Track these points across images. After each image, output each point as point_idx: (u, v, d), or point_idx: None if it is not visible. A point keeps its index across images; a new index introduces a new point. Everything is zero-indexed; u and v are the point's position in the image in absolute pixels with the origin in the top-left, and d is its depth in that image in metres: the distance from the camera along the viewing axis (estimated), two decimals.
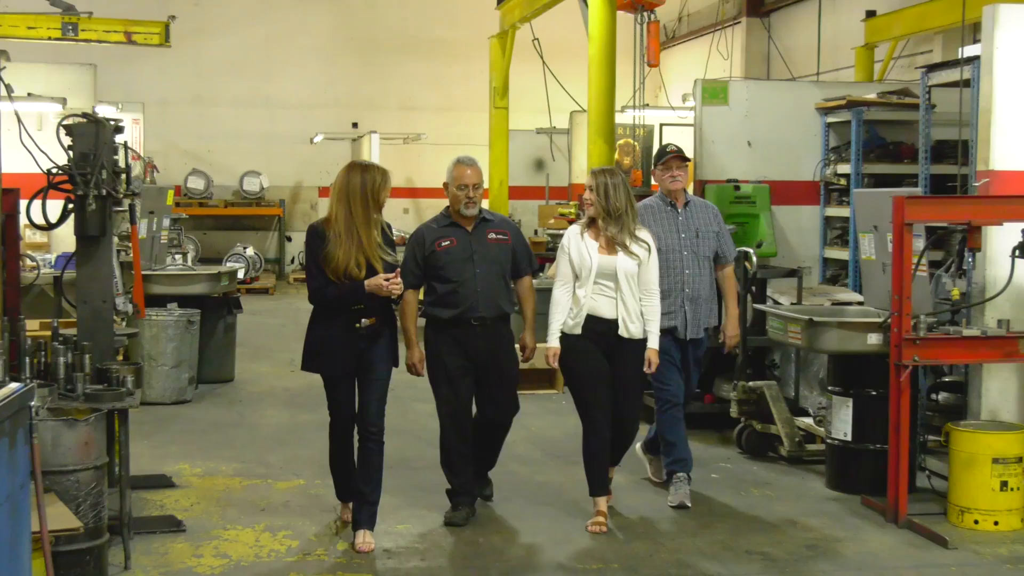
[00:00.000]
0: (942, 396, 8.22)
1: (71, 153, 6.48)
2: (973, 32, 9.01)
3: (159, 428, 9.67)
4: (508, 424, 7.30)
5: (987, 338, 7.32)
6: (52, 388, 6.06)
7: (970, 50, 8.40)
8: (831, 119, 11.83)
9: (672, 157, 7.66)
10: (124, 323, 7.86)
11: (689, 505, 7.35)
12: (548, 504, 7.21)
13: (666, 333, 7.31)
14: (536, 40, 15.51)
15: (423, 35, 24.39)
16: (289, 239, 24.01)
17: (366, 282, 6.21)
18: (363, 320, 6.36)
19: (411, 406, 9.16)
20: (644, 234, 7.01)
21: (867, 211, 8.73)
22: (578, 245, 6.92)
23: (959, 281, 7.81)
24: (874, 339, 7.53)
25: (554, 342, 6.88)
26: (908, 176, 10.80)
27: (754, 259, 9.49)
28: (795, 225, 11.80)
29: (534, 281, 7.58)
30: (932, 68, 10.00)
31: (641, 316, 6.94)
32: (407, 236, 7.59)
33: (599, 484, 7.00)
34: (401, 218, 23.41)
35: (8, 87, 8.30)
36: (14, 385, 3.86)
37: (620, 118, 13.02)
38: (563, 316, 6.88)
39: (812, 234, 11.94)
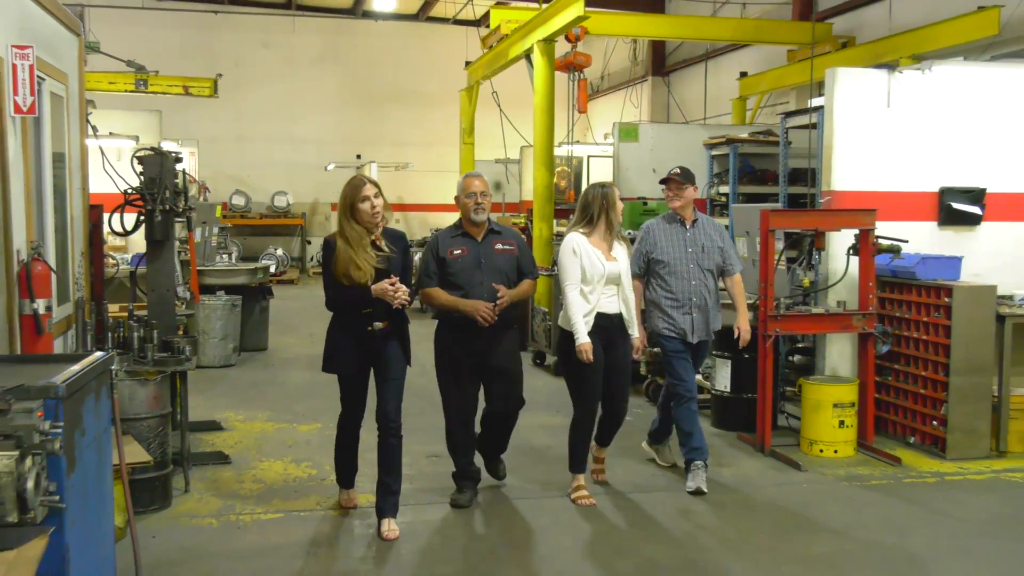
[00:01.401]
0: (797, 358, 8.27)
1: (142, 178, 6.44)
2: (818, 88, 9.08)
3: (211, 385, 9.61)
4: (515, 416, 6.19)
5: (829, 315, 7.40)
6: (128, 355, 6.04)
7: (816, 101, 8.44)
8: (714, 152, 11.89)
9: (670, 179, 6.56)
10: (183, 306, 7.81)
11: (705, 491, 6.21)
12: None
13: (674, 339, 6.39)
14: (495, 92, 15.46)
15: (410, 88, 24.34)
16: (309, 243, 23.98)
17: (372, 287, 5.20)
18: (376, 324, 5.33)
19: None
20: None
21: (741, 221, 8.81)
22: (588, 252, 5.90)
23: (809, 272, 7.86)
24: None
25: (584, 338, 5.77)
26: (771, 195, 10.87)
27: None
28: None
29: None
30: (789, 114, 10.04)
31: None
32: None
33: (579, 463, 6.15)
34: (393, 226, 23.28)
35: (94, 128, 8.24)
36: (99, 353, 3.83)
37: (558, 151, 13.01)
38: (583, 313, 5.81)
39: None
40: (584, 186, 17.12)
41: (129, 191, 6.53)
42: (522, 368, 6.14)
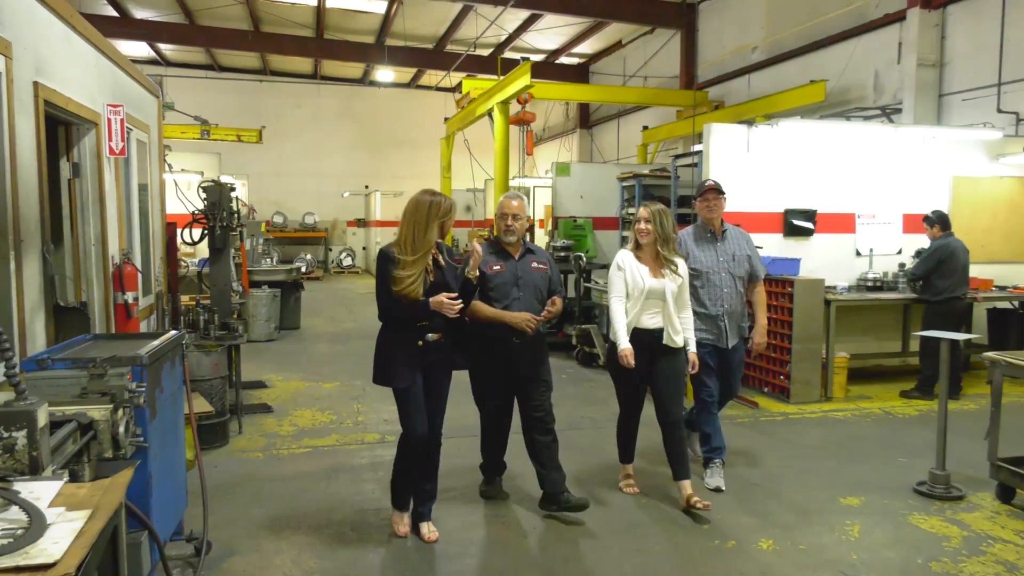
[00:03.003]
0: None
1: (206, 202, 6.34)
2: (698, 138, 9.16)
3: (258, 355, 9.48)
4: (550, 421, 4.57)
5: None
6: (196, 333, 5.94)
7: (697, 147, 8.52)
8: (625, 184, 11.94)
9: (709, 189, 5.22)
10: (237, 297, 7.70)
11: (723, 489, 4.97)
12: None
13: (706, 345, 5.00)
14: (466, 140, 15.41)
15: (405, 137, 24.22)
16: (330, 250, 23.86)
17: (431, 300, 3.90)
18: (429, 336, 4.01)
19: None
20: (680, 259, 4.67)
21: None
22: (632, 268, 4.59)
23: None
24: None
25: (625, 344, 4.51)
26: None
27: (584, 259, 9.56)
28: (605, 240, 11.92)
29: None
30: (678, 156, 10.14)
31: (680, 328, 4.61)
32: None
33: (627, 454, 4.98)
34: (391, 237, 23.26)
35: (170, 165, 8.10)
36: (173, 332, 3.77)
37: (512, 183, 13.02)
38: (624, 322, 4.54)
39: (614, 245, 12.06)
40: (531, 208, 17.27)
41: (196, 212, 6.43)
42: (551, 376, 4.67)
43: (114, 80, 5.49)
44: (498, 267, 4.52)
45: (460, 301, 3.98)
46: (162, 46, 19.66)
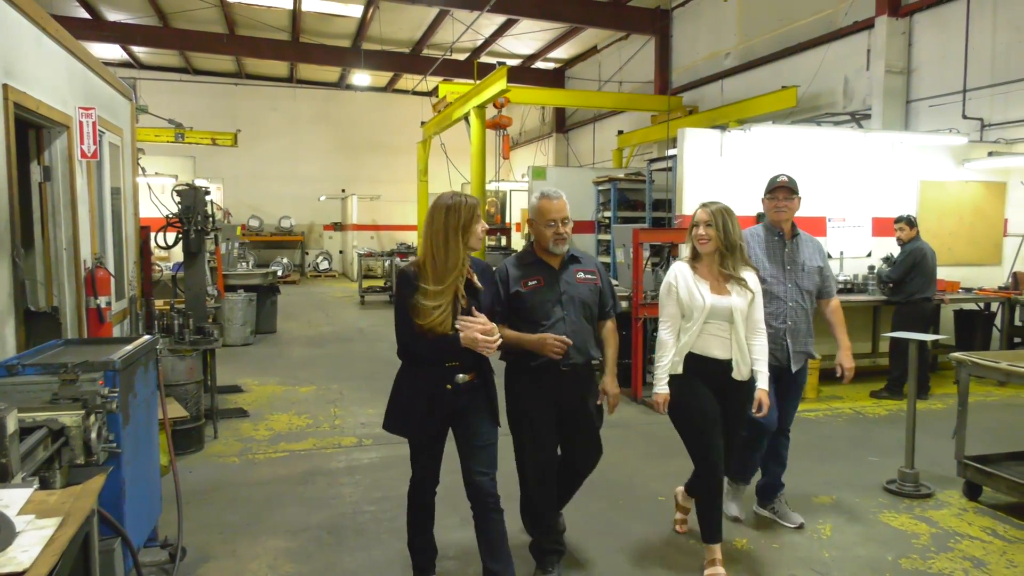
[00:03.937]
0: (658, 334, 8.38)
1: (180, 206, 6.27)
2: (673, 142, 9.23)
3: (234, 359, 9.38)
4: (591, 470, 3.90)
5: None
6: (171, 338, 5.88)
7: (671, 151, 8.59)
8: (600, 187, 12.03)
9: (779, 187, 4.42)
10: (213, 301, 7.61)
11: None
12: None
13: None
14: (442, 144, 15.41)
15: (381, 141, 24.14)
16: (307, 253, 23.71)
17: (461, 337, 3.11)
18: (459, 376, 3.21)
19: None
20: (750, 271, 3.80)
21: (620, 236, 8.91)
22: (687, 284, 3.74)
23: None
24: (624, 304, 7.67)
25: (662, 388, 3.72)
26: (640, 218, 11.04)
27: None
28: (582, 244, 11.97)
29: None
30: (652, 160, 10.22)
31: (749, 357, 3.71)
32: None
33: (715, 531, 3.74)
34: (369, 243, 23.22)
35: (143, 168, 7.99)
36: (147, 336, 3.72)
37: (489, 187, 13.03)
38: (667, 360, 3.73)
39: (591, 248, 12.13)
40: (508, 212, 17.27)
41: (170, 216, 6.36)
42: (602, 417, 3.86)
43: (86, 83, 5.41)
44: (534, 282, 3.61)
45: (498, 337, 3.20)
46: (135, 49, 19.44)
